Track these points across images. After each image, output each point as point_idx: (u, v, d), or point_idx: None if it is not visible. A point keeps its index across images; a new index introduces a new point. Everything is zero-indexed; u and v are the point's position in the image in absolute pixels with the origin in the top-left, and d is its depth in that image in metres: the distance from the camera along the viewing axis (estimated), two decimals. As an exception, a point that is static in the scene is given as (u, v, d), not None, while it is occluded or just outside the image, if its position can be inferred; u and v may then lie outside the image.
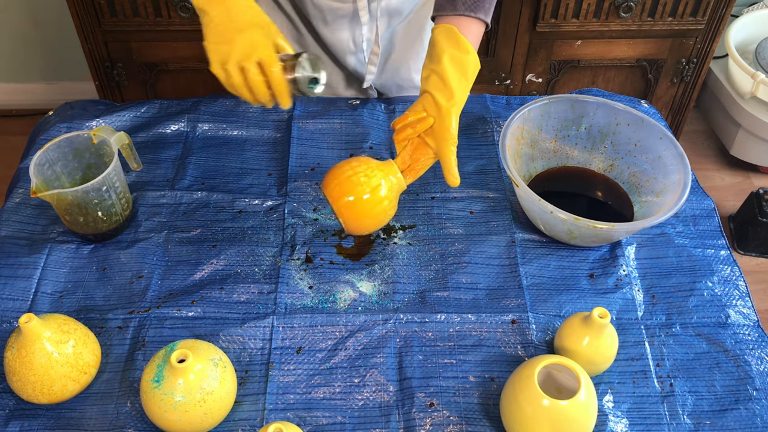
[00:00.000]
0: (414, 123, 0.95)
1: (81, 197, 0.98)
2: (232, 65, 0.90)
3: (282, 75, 0.91)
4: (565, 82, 2.05)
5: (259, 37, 0.91)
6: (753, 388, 0.93)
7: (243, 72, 0.91)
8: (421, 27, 1.25)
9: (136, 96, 1.98)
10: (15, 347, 0.85)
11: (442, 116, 0.92)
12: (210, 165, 1.18)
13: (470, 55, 0.93)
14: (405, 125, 0.95)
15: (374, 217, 0.95)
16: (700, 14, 1.88)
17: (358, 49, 1.23)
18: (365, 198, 0.93)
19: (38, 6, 2.25)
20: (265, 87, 0.92)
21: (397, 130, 0.97)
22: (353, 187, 0.93)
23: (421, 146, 0.97)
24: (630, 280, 1.04)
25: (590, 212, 1.13)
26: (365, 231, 0.98)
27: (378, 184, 0.94)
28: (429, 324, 0.97)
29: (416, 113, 0.95)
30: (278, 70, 0.91)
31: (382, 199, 0.94)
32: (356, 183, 0.93)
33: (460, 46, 0.93)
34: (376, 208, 0.94)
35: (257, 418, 0.88)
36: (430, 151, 0.97)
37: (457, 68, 0.93)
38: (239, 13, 0.92)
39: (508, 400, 0.84)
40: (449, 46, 0.93)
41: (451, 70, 0.92)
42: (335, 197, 0.93)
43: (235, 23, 0.91)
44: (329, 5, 1.15)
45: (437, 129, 0.93)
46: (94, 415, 0.88)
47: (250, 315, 0.98)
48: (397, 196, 0.97)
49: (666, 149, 1.09)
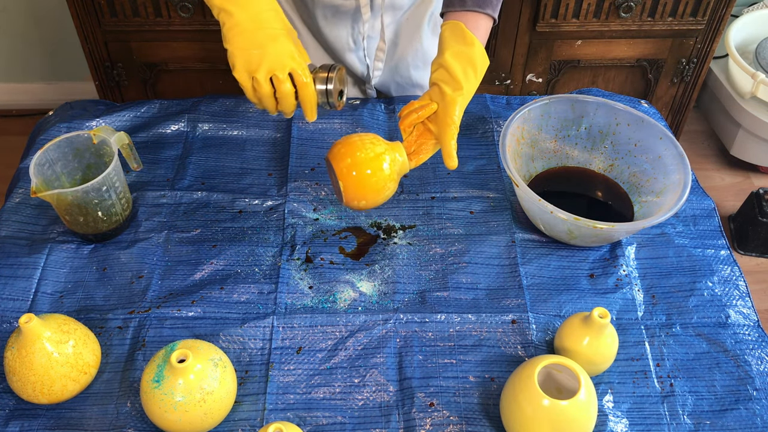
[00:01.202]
0: (419, 109, 0.96)
1: (81, 197, 0.98)
2: (262, 74, 0.88)
3: (313, 86, 0.90)
4: (565, 82, 2.05)
5: (291, 46, 0.89)
6: (753, 388, 0.93)
7: (273, 82, 0.89)
8: (419, 25, 1.25)
9: (136, 96, 1.98)
10: (15, 347, 0.85)
11: (446, 103, 0.93)
12: (210, 165, 1.18)
13: (475, 48, 0.94)
14: (410, 111, 0.96)
15: (373, 187, 0.94)
16: (700, 14, 1.88)
17: (358, 47, 1.23)
18: (368, 162, 0.92)
19: (38, 6, 2.25)
20: (294, 98, 0.90)
21: (402, 117, 0.97)
22: (358, 150, 0.93)
23: (426, 133, 0.98)
24: (630, 280, 1.04)
25: (590, 212, 1.13)
26: (362, 201, 0.96)
27: (382, 154, 0.93)
28: (429, 324, 0.97)
29: (422, 102, 0.96)
30: (310, 81, 0.89)
31: (384, 171, 0.93)
32: (361, 147, 0.93)
33: (466, 41, 0.94)
34: (377, 177, 0.93)
35: (257, 418, 0.88)
36: (433, 139, 0.97)
37: (462, 61, 0.93)
38: (269, 19, 0.89)
39: (508, 400, 0.84)
40: (455, 42, 0.94)
41: (456, 63, 0.93)
42: (339, 158, 0.93)
43: (267, 30, 0.88)
44: (330, 2, 1.15)
45: (440, 115, 0.94)
46: (94, 415, 0.88)
47: (250, 315, 0.98)
48: (399, 175, 0.96)
49: (666, 149, 1.09)
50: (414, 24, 1.25)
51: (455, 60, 0.93)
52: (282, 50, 0.88)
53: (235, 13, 0.88)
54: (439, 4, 1.24)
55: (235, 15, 0.88)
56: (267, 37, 0.88)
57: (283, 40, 0.89)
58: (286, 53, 0.88)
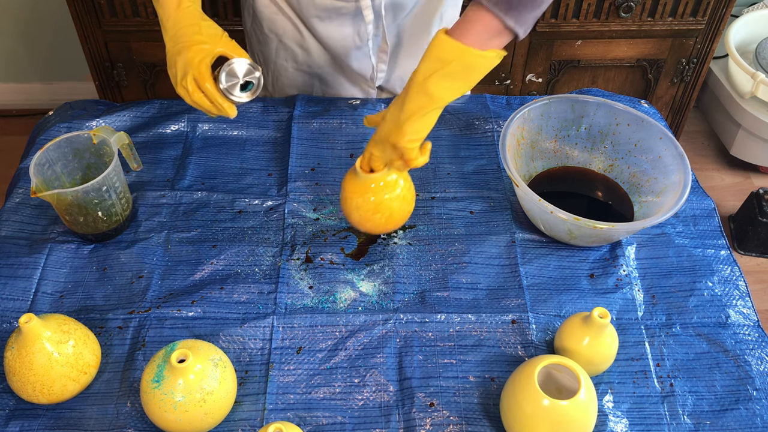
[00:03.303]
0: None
1: (81, 197, 0.98)
2: (178, 88, 0.96)
3: (214, 88, 0.95)
4: (565, 82, 2.05)
5: (192, 54, 0.94)
6: (753, 388, 0.93)
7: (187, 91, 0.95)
8: (428, 22, 1.24)
9: (136, 96, 1.98)
10: (15, 347, 0.85)
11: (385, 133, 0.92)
12: (210, 165, 1.18)
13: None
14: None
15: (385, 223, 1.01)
16: (700, 14, 1.88)
17: (363, 47, 1.22)
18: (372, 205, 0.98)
19: (38, 6, 2.25)
20: (208, 101, 0.96)
21: None
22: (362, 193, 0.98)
23: None
24: (630, 280, 1.04)
25: (590, 212, 1.13)
26: (370, 226, 1.02)
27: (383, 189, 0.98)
28: (429, 324, 0.97)
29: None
30: (210, 85, 0.94)
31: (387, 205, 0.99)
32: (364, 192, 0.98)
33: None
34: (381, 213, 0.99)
35: (257, 418, 0.88)
36: None
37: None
38: (181, 35, 0.96)
39: (508, 400, 0.84)
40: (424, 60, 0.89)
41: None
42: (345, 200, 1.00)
43: (177, 45, 0.95)
44: (331, 4, 1.15)
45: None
46: (94, 415, 0.88)
47: (250, 315, 0.98)
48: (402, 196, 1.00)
49: (666, 149, 1.09)
50: (422, 24, 1.24)
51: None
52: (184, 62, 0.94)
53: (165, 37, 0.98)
54: (449, 4, 1.24)
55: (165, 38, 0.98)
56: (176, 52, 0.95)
57: (186, 52, 0.95)
58: (187, 63, 0.94)
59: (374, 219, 0.99)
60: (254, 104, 1.25)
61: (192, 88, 0.94)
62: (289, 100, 1.28)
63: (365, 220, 0.99)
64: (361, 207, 0.98)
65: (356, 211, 0.99)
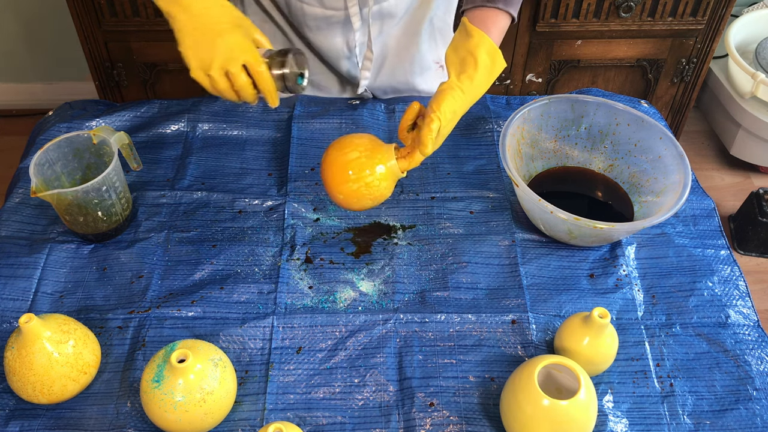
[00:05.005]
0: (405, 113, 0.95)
1: (81, 197, 0.98)
2: (215, 71, 0.89)
3: (269, 74, 0.90)
4: (565, 82, 2.05)
5: (240, 38, 0.89)
6: (753, 388, 0.93)
7: (228, 76, 0.89)
8: (416, 30, 1.24)
9: (136, 96, 1.98)
10: (15, 347, 0.85)
11: (435, 96, 0.92)
12: (210, 165, 1.18)
13: (473, 39, 0.92)
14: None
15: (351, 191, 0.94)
16: (700, 14, 1.88)
17: (352, 53, 1.22)
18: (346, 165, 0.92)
19: (38, 6, 2.25)
20: (252, 88, 0.91)
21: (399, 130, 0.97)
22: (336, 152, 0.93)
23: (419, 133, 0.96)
24: (630, 280, 1.04)
25: (590, 212, 1.13)
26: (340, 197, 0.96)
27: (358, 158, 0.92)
28: (429, 324, 0.97)
29: None
30: (265, 70, 0.89)
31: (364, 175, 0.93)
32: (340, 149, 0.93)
33: (466, 33, 0.93)
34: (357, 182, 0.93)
35: (257, 418, 0.88)
36: None
37: (460, 53, 0.93)
38: (215, 15, 0.89)
39: (508, 400, 0.84)
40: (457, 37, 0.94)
41: (451, 56, 0.93)
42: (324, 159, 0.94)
43: (214, 26, 0.89)
44: (321, 12, 1.14)
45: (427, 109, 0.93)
46: (94, 415, 0.88)
47: (250, 315, 0.98)
48: (385, 178, 0.95)
49: (666, 149, 1.09)
50: (410, 31, 1.24)
51: (452, 53, 0.94)
52: (231, 44, 0.88)
53: (181, 15, 0.89)
54: (438, 9, 1.24)
55: (181, 16, 0.89)
56: (215, 33, 0.88)
57: (230, 35, 0.89)
58: (236, 46, 0.89)
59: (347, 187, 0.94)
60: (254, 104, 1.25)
61: (242, 74, 0.88)
62: (289, 100, 1.28)
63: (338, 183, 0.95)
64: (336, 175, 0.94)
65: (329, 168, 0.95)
